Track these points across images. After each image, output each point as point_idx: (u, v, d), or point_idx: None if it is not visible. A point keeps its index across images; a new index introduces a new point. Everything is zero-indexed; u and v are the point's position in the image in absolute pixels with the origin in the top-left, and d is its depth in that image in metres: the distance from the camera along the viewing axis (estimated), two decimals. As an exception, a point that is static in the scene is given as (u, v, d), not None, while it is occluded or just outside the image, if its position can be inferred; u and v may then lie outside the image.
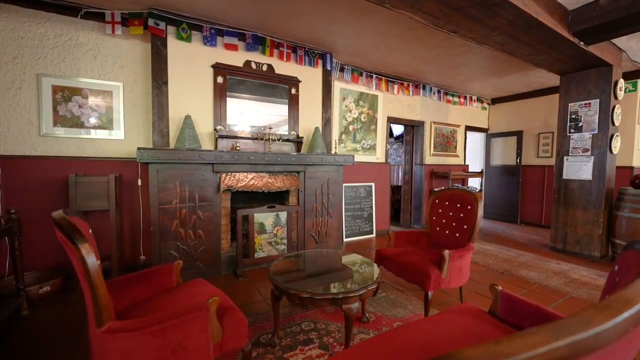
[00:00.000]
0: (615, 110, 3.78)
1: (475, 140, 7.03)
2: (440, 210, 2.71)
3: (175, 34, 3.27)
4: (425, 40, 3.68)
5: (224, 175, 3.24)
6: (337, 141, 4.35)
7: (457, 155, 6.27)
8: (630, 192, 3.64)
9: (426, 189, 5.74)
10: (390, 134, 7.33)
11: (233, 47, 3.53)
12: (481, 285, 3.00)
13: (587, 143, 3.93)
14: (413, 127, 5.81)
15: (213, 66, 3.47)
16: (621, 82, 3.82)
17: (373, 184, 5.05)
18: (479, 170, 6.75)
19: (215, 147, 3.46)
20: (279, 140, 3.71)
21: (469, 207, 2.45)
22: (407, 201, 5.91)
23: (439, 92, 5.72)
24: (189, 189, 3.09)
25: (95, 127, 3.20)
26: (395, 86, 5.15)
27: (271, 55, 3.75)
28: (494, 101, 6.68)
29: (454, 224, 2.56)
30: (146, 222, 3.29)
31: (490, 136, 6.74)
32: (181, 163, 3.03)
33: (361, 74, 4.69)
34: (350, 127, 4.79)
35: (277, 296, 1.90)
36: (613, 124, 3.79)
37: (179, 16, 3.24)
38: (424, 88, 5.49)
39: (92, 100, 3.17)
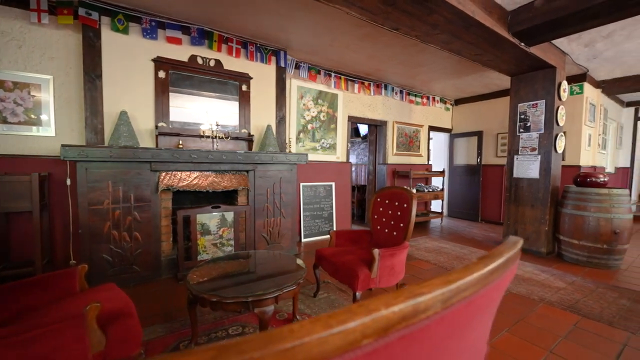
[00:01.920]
0: (560, 111, 3.91)
1: (441, 140, 7.15)
2: (381, 209, 2.67)
3: (110, 25, 3.08)
4: (375, 38, 3.66)
5: (163, 174, 3.07)
6: (291, 140, 4.27)
7: (420, 155, 6.34)
8: (572, 189, 3.76)
9: (389, 188, 5.75)
10: (357, 133, 7.34)
11: (176, 41, 3.38)
12: (426, 283, 2.99)
13: (534, 142, 4.04)
14: (376, 127, 5.82)
15: (154, 60, 3.30)
16: (564, 84, 3.95)
17: (333, 184, 5.00)
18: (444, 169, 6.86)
19: (156, 145, 3.29)
20: (227, 138, 3.58)
21: (405, 206, 2.42)
22: (371, 201, 5.90)
23: (401, 92, 5.76)
24: (123, 189, 2.91)
25: (20, 123, 2.95)
26: (356, 85, 5.13)
27: (219, 50, 3.62)
28: (457, 102, 6.81)
29: (392, 222, 2.53)
30: (77, 224, 3.07)
31: (453, 136, 6.87)
32: (114, 161, 2.85)
33: (319, 72, 4.64)
34: (309, 126, 4.72)
35: (191, 300, 1.78)
36: (557, 124, 3.91)
37: (115, 6, 3.06)
38: (385, 88, 5.51)
39: (17, 94, 2.93)
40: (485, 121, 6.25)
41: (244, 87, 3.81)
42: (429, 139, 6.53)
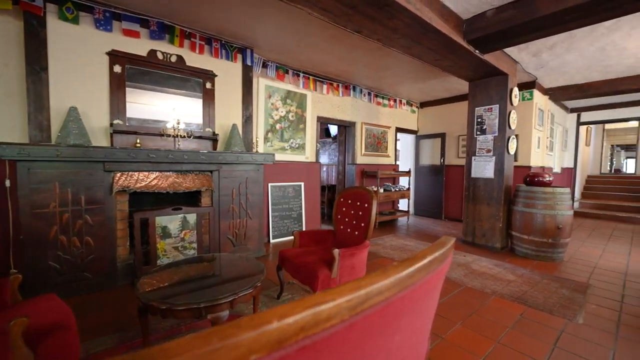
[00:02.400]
0: (511, 115, 4.19)
1: (408, 142, 7.39)
2: (344, 209, 2.71)
3: (57, 13, 2.86)
4: (341, 40, 3.71)
5: (118, 174, 2.90)
6: (258, 140, 4.20)
7: (387, 156, 6.51)
8: (523, 188, 4.05)
9: (358, 188, 5.86)
10: (328, 133, 7.39)
11: (134, 34, 3.20)
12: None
13: (489, 144, 4.30)
14: (345, 128, 5.89)
15: (109, 53, 3.11)
16: (515, 90, 4.24)
17: (302, 184, 5.00)
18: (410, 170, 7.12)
19: (111, 144, 3.10)
20: (189, 137, 3.46)
21: (366, 206, 2.47)
22: (341, 200, 5.97)
23: (369, 94, 5.88)
24: (72, 191, 2.71)
25: (-52, 118, 2.66)
26: (325, 86, 5.16)
27: (181, 45, 3.49)
28: (422, 105, 7.08)
29: (354, 222, 2.58)
30: (18, 230, 2.82)
31: (419, 138, 7.13)
32: (61, 161, 2.64)
33: (287, 72, 4.61)
34: (277, 126, 4.68)
35: (141, 308, 1.70)
36: (510, 127, 4.19)
37: (62, -7, 2.84)
38: (354, 89, 5.60)
39: (-56, 85, 2.63)
40: (448, 124, 6.55)
41: (208, 85, 3.69)
42: (396, 140, 6.72)
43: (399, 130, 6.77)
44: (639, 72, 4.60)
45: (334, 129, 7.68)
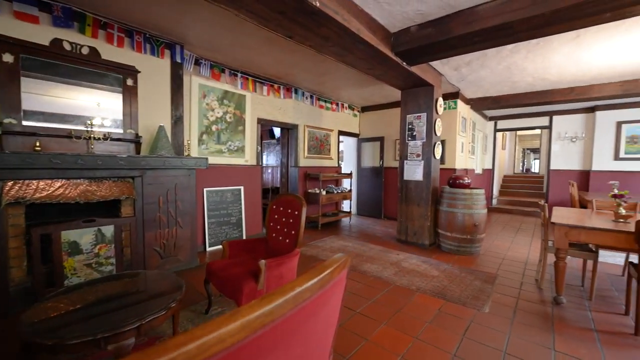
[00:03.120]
0: (437, 123, 4.57)
1: (350, 144, 7.64)
2: (276, 216, 2.68)
3: None
4: (278, 43, 3.65)
5: (9, 184, 2.48)
6: (189, 143, 3.95)
7: (330, 158, 6.65)
8: (447, 190, 4.45)
9: (300, 190, 5.89)
10: (272, 135, 7.29)
11: (31, 19, 2.76)
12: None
13: (419, 149, 4.64)
14: (288, 130, 5.86)
15: (-4, 39, 2.63)
16: (440, 100, 4.64)
17: (242, 188, 4.84)
18: (354, 171, 7.36)
19: (0, 147, 2.63)
20: (106, 139, 3.10)
21: (296, 213, 2.47)
22: (284, 203, 5.92)
23: (311, 97, 5.93)
24: (-58, 205, 2.24)
25: None
26: (265, 87, 5.06)
27: (95, 36, 3.10)
28: (363, 109, 7.37)
29: (285, 229, 2.56)
30: None
31: (360, 141, 7.41)
32: None
33: (223, 71, 4.41)
34: (214, 127, 4.46)
35: (24, 346, 1.46)
36: (435, 134, 4.57)
37: None
38: (296, 92, 5.59)
39: None
40: (386, 128, 6.92)
41: (129, 82, 3.34)
42: (339, 142, 6.89)
43: (342, 133, 6.95)
44: (537, 89, 5.39)
45: (278, 131, 7.60)
